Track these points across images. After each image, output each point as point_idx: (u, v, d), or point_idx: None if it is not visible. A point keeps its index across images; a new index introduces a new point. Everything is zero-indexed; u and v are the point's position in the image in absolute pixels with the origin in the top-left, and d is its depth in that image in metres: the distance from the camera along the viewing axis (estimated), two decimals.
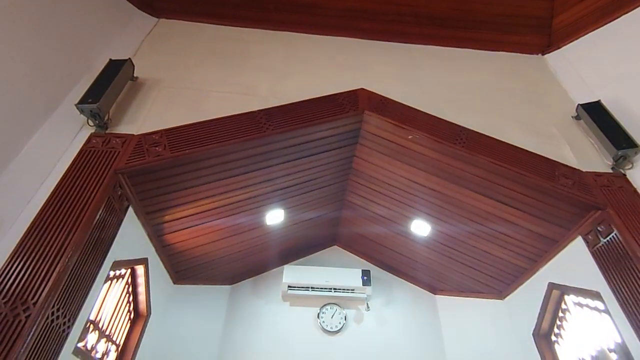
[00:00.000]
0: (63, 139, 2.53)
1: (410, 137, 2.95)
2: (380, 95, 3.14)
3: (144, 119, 2.74)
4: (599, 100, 3.02)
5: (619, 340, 2.43)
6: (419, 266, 4.01)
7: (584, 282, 2.70)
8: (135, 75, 3.03)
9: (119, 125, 2.67)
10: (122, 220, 2.50)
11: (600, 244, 2.54)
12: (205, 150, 2.59)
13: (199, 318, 3.66)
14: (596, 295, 2.57)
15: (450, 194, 3.14)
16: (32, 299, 1.80)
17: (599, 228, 2.55)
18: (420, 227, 3.53)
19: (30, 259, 1.91)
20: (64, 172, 2.31)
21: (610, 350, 2.54)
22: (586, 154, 2.92)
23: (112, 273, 2.58)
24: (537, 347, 3.22)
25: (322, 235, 4.33)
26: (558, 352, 3.14)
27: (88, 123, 2.58)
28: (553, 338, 3.21)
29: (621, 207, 2.51)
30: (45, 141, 2.49)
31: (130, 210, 2.63)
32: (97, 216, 2.19)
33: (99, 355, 2.52)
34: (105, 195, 2.27)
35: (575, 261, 2.80)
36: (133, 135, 2.58)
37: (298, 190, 3.47)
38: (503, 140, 2.89)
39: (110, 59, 2.83)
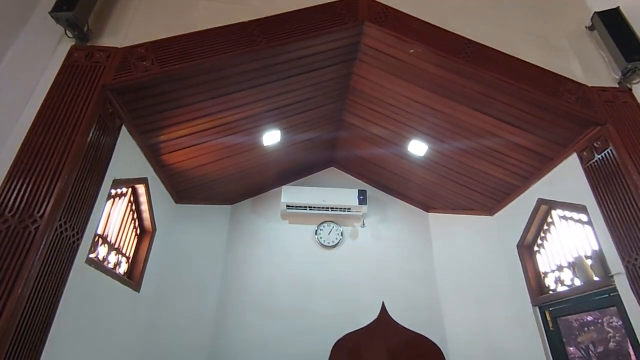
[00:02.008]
0: (42, 53, 2.37)
1: (412, 51, 2.78)
2: (382, 4, 2.89)
3: (126, 30, 2.54)
4: (618, 6, 2.81)
5: (596, 248, 2.61)
6: (414, 186, 4.12)
7: (572, 197, 2.80)
8: None
9: (100, 37, 2.48)
10: (116, 139, 2.48)
11: (593, 160, 2.57)
12: (195, 64, 2.45)
13: (202, 235, 3.86)
14: (582, 209, 2.69)
15: (449, 111, 3.08)
16: (38, 212, 1.85)
17: (595, 144, 2.56)
18: (417, 147, 3.54)
19: (29, 176, 1.93)
20: (48, 88, 2.21)
21: (587, 257, 2.73)
22: (594, 68, 2.80)
23: (113, 191, 2.64)
24: (519, 257, 3.48)
25: (319, 157, 4.36)
26: (538, 260, 3.39)
27: (66, 34, 2.40)
28: (535, 248, 3.44)
29: (621, 123, 2.48)
30: (23, 55, 2.34)
31: (124, 129, 2.58)
32: (91, 134, 2.16)
33: (110, 266, 2.69)
34: (96, 113, 2.21)
35: (566, 178, 2.87)
36: (117, 48, 2.42)
37: (294, 110, 3.39)
38: (510, 53, 2.74)
39: None
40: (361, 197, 4.04)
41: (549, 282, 3.24)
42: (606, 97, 2.61)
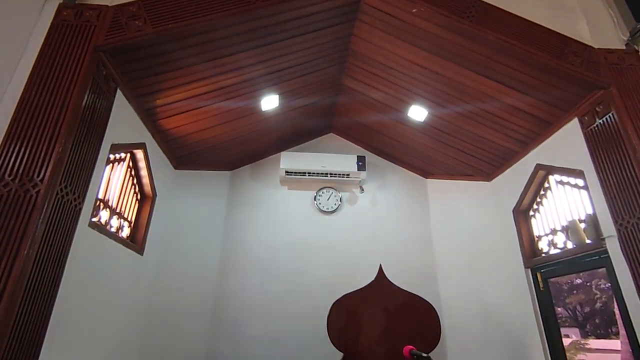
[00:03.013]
0: (29, 11, 2.27)
1: (414, 10, 2.68)
2: None
3: None
4: None
5: (590, 212, 2.65)
6: (413, 152, 4.11)
7: (570, 162, 2.81)
8: None
9: None
10: (112, 103, 2.44)
11: (594, 125, 2.56)
12: (189, 24, 2.36)
13: (202, 201, 3.90)
14: (579, 174, 2.71)
15: (451, 75, 3.02)
16: (38, 176, 1.86)
17: (597, 108, 2.54)
18: (417, 112, 3.50)
19: (27, 140, 1.92)
20: (39, 50, 2.15)
21: (581, 221, 2.79)
22: (602, 29, 2.72)
23: (112, 156, 2.63)
24: (514, 221, 3.55)
25: (318, 123, 4.31)
26: (533, 224, 3.46)
27: None
28: (531, 213, 3.50)
29: (625, 87, 2.45)
30: (8, 13, 2.24)
31: (119, 93, 2.53)
32: (86, 98, 2.12)
33: (113, 230, 2.74)
34: (90, 76, 2.16)
35: (565, 143, 2.87)
36: (107, 6, 2.32)
37: (292, 74, 3.31)
38: (516, 13, 2.65)
39: None
40: (360, 163, 4.04)
41: (542, 245, 3.32)
42: (612, 59, 2.55)
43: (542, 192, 3.36)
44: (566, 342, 3.31)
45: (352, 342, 2.80)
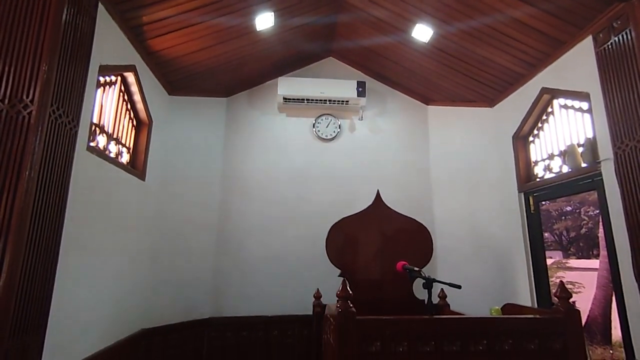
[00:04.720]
0: None
1: None
2: None
3: None
4: None
5: (590, 136, 2.64)
6: (415, 76, 3.96)
7: (577, 84, 2.73)
8: None
9: None
10: (94, 20, 2.27)
11: (608, 43, 2.42)
12: None
13: (200, 128, 3.85)
14: (585, 96, 2.64)
15: None
16: (28, 97, 1.80)
17: (614, 24, 2.38)
18: (422, 32, 3.28)
19: (9, 60, 1.83)
20: None
21: (579, 145, 2.79)
22: None
23: (102, 79, 2.53)
24: (513, 147, 3.55)
25: (317, 46, 4.07)
26: (531, 150, 3.48)
27: None
28: (530, 139, 3.49)
29: None
30: None
31: (102, 8, 2.34)
32: (65, 13, 1.96)
33: (112, 155, 2.74)
34: None
35: (575, 64, 2.75)
36: None
37: None
38: None
39: None
40: (360, 89, 3.92)
41: (538, 170, 3.38)
42: None
43: (544, 117, 3.32)
44: (548, 262, 3.55)
45: (349, 260, 3.00)
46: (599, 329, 6.98)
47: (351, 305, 1.82)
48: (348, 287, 1.87)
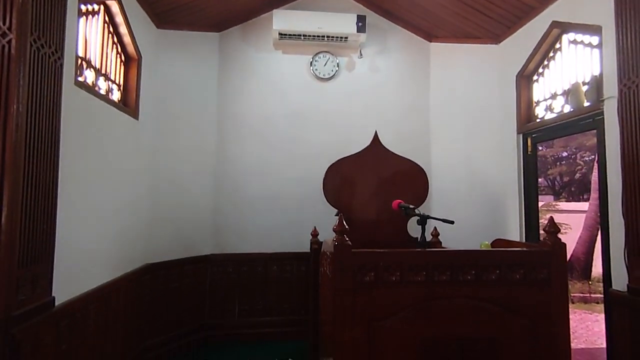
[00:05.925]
0: None
1: None
2: None
3: None
4: None
5: (597, 74, 2.56)
6: (419, 9, 3.71)
7: (590, 17, 2.58)
8: None
9: None
10: None
11: None
12: None
13: (192, 65, 3.68)
14: (596, 30, 2.51)
15: None
16: (5, 24, 1.68)
17: None
18: None
19: None
20: None
21: (584, 84, 2.72)
22: None
23: (83, 7, 2.35)
24: (515, 87, 3.46)
25: None
26: (535, 89, 3.39)
27: None
28: (534, 77, 3.39)
29: None
30: None
31: None
32: None
33: (102, 92, 2.65)
34: None
35: None
36: None
37: None
38: None
39: None
40: (360, 24, 3.69)
41: (539, 110, 3.32)
42: None
43: (550, 55, 3.18)
44: (539, 204, 3.64)
45: (346, 200, 3.06)
46: (581, 267, 7.41)
47: (347, 239, 1.89)
48: (344, 223, 1.92)
